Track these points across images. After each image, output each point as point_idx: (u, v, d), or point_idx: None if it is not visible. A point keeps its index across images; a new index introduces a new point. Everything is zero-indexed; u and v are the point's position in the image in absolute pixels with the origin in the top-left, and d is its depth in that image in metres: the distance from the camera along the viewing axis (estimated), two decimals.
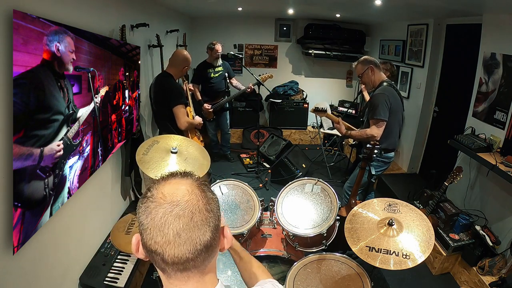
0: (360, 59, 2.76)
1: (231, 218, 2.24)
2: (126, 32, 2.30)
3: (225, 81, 4.40)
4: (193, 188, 0.65)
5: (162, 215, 0.60)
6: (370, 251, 1.64)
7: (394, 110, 2.60)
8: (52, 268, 1.62)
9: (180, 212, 0.60)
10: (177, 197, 0.62)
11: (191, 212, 0.61)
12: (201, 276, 0.65)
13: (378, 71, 2.71)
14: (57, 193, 1.54)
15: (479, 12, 2.88)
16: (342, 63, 5.43)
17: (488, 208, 2.76)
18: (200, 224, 0.61)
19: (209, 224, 0.63)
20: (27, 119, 1.26)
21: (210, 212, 0.64)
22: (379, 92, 2.61)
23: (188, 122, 2.71)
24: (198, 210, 0.62)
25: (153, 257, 0.63)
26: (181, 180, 0.66)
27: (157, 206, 0.61)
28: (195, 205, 0.62)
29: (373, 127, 2.58)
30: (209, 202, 0.65)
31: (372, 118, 2.59)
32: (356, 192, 2.56)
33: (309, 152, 4.92)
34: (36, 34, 1.28)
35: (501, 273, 2.37)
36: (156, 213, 0.60)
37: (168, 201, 0.61)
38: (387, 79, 2.74)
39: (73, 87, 1.61)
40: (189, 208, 0.61)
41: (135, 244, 0.67)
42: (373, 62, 2.69)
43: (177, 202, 0.61)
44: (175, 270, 0.63)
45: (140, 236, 0.64)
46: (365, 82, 2.77)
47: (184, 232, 0.60)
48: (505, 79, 2.63)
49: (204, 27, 5.42)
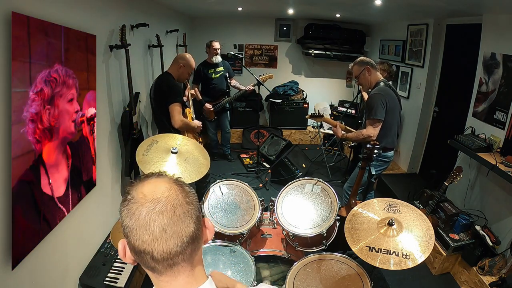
0: (356, 61, 2.77)
1: (231, 218, 2.24)
2: (126, 32, 2.30)
3: (226, 81, 4.41)
4: (171, 184, 0.67)
5: (146, 214, 0.61)
6: (370, 251, 1.64)
7: (391, 109, 2.60)
8: (52, 268, 1.62)
9: (163, 208, 0.62)
10: (157, 195, 0.63)
11: (173, 207, 0.63)
12: (191, 270, 0.67)
13: (375, 72, 2.72)
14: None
15: (479, 12, 2.88)
16: (342, 63, 5.42)
17: (488, 208, 2.76)
18: (183, 217, 0.64)
19: (191, 216, 0.65)
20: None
21: (191, 205, 0.66)
22: (375, 92, 2.63)
23: (183, 121, 2.71)
24: (179, 204, 0.64)
25: (142, 258, 0.63)
26: (158, 179, 0.68)
27: (140, 206, 0.62)
28: (175, 199, 0.64)
29: (369, 127, 2.59)
30: (188, 195, 0.67)
31: (368, 118, 2.60)
32: (356, 192, 2.56)
33: (309, 152, 4.92)
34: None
35: (501, 273, 2.37)
36: (140, 213, 0.62)
37: (149, 200, 0.62)
38: (384, 79, 2.75)
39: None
40: (171, 203, 0.63)
41: (121, 249, 0.68)
42: (369, 63, 2.70)
43: (158, 199, 0.63)
44: (165, 267, 0.64)
45: (126, 240, 0.65)
46: (362, 83, 2.78)
47: (169, 226, 0.62)
48: (505, 79, 2.62)
49: (204, 27, 5.41)
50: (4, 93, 1.18)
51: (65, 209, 1.66)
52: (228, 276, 0.87)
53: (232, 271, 1.91)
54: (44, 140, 1.44)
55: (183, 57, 2.83)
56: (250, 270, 1.91)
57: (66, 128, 1.64)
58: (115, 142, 2.39)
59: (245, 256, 2.01)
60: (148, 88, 3.19)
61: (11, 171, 1.23)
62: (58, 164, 1.58)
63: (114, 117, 2.35)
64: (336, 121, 2.85)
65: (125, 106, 2.49)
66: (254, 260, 1.98)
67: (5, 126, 1.20)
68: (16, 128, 1.24)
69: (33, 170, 1.37)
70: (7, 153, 1.22)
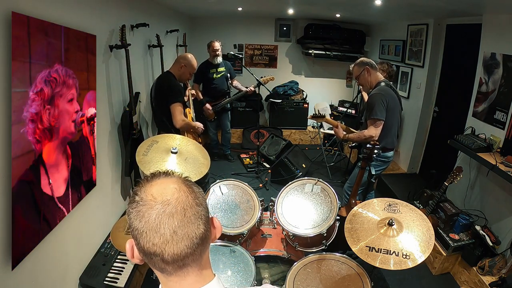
0: (356, 61, 2.78)
1: (231, 218, 2.25)
2: (126, 32, 2.30)
3: (227, 81, 4.40)
4: (180, 185, 0.66)
5: (156, 216, 0.60)
6: (370, 251, 1.64)
7: (392, 109, 2.60)
8: (52, 268, 1.62)
9: (173, 210, 0.61)
10: (167, 196, 0.62)
11: (183, 209, 0.62)
12: (200, 270, 0.67)
13: (375, 72, 2.72)
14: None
15: (479, 12, 2.88)
16: (342, 63, 5.43)
17: (488, 208, 2.76)
18: (194, 219, 0.63)
19: (201, 218, 0.65)
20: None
21: (200, 206, 0.65)
22: (375, 92, 2.63)
23: (184, 121, 2.72)
24: (189, 206, 0.63)
25: (152, 259, 0.63)
26: (166, 179, 0.67)
27: (149, 209, 0.61)
28: (185, 201, 0.63)
29: (371, 127, 2.59)
30: (197, 196, 0.66)
31: (369, 118, 2.60)
32: (356, 192, 2.56)
33: (309, 152, 4.92)
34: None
35: (501, 273, 2.37)
36: (150, 215, 0.61)
37: (159, 202, 0.61)
38: (384, 79, 2.75)
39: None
40: (181, 205, 0.62)
41: (129, 249, 0.67)
42: (369, 63, 2.70)
43: (168, 201, 0.62)
44: (175, 268, 0.64)
45: (135, 241, 0.64)
46: (362, 83, 2.79)
47: (180, 229, 0.61)
48: (505, 79, 2.62)
49: (204, 27, 5.41)
50: (4, 93, 1.18)
51: (65, 209, 1.66)
52: (228, 276, 0.88)
53: (232, 271, 1.91)
54: (44, 140, 1.44)
55: (184, 57, 2.84)
56: (250, 270, 1.91)
57: (66, 128, 1.64)
58: (115, 142, 2.39)
59: (245, 256, 2.01)
60: (148, 88, 3.19)
61: (11, 171, 1.24)
62: (58, 164, 1.58)
63: (114, 117, 2.35)
64: (337, 122, 2.85)
65: (125, 106, 2.49)
66: (254, 260, 1.97)
67: (5, 126, 1.20)
68: (16, 128, 1.24)
69: (33, 170, 1.37)
70: (7, 153, 1.22)
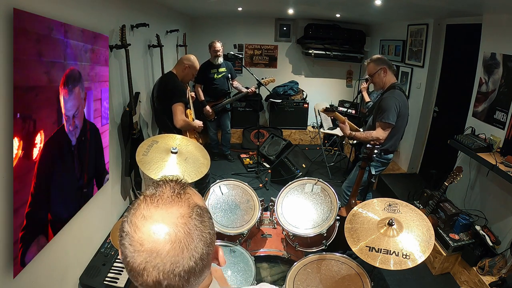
0: (374, 58, 2.67)
1: (231, 218, 2.25)
2: (126, 32, 2.30)
3: (228, 82, 4.41)
4: (179, 228, 0.54)
5: (140, 263, 0.53)
6: (370, 251, 1.64)
7: (402, 115, 2.58)
8: (52, 268, 1.62)
9: (160, 266, 0.52)
10: (157, 246, 0.52)
11: (173, 265, 0.53)
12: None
13: (391, 73, 2.64)
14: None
15: (479, 12, 2.88)
16: (342, 63, 5.43)
17: (488, 208, 2.76)
18: (184, 274, 0.54)
19: (195, 270, 0.55)
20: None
21: (201, 252, 0.56)
22: (391, 96, 2.55)
23: (185, 120, 2.73)
24: (181, 264, 0.53)
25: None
26: (167, 212, 0.55)
27: (135, 252, 0.53)
28: (179, 255, 0.53)
29: (379, 129, 2.56)
30: (201, 238, 0.56)
31: (380, 120, 2.56)
32: (356, 192, 2.56)
33: (309, 152, 4.92)
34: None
35: (501, 273, 2.37)
36: (134, 260, 0.53)
37: (147, 250, 0.52)
38: (398, 83, 2.68)
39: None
40: (171, 261, 0.53)
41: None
42: (387, 63, 2.63)
43: (156, 253, 0.52)
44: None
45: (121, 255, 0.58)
46: (376, 82, 2.68)
47: (166, 280, 0.53)
48: (505, 79, 2.62)
49: (204, 27, 5.42)
50: (6, 91, 1.18)
51: None
52: (228, 276, 0.87)
53: (232, 271, 1.91)
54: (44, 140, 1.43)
55: (188, 59, 2.87)
56: (250, 270, 1.91)
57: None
58: (115, 142, 2.39)
59: (245, 256, 2.01)
60: (148, 88, 3.19)
61: (13, 173, 1.23)
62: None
63: (114, 117, 2.36)
64: (345, 117, 2.79)
65: (125, 106, 2.50)
66: (254, 260, 1.98)
67: (6, 126, 1.20)
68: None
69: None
70: (9, 155, 1.21)
